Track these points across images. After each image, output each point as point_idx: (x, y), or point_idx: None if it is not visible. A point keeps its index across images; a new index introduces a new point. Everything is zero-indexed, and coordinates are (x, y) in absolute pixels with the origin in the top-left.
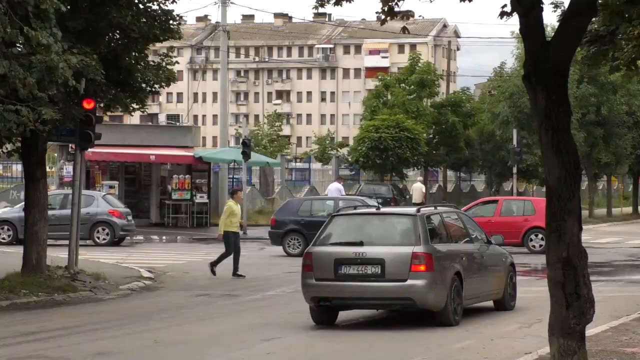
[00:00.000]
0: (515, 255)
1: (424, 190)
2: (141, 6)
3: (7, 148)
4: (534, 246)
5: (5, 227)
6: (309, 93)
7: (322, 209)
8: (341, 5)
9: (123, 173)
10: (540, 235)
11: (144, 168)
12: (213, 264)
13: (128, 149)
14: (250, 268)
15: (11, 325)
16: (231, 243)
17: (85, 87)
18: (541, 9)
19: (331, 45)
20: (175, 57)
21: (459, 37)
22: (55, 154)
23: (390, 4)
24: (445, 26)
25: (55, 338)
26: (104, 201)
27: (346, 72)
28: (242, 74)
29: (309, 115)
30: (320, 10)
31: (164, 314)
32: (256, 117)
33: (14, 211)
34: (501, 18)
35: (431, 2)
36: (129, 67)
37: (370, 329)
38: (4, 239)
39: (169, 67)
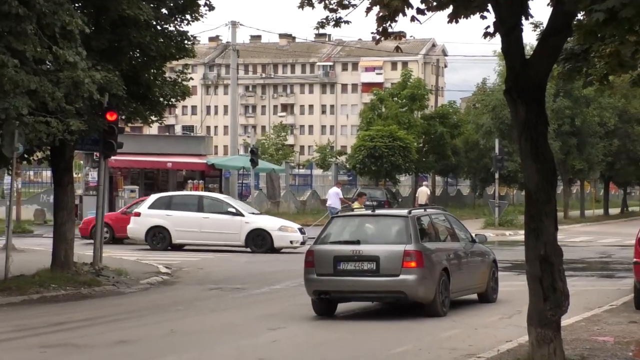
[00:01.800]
0: None
1: (429, 193)
2: (159, 27)
3: (37, 156)
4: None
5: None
6: (311, 106)
7: None
8: (340, 26)
9: (143, 178)
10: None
11: (161, 174)
12: None
13: (147, 157)
14: (257, 265)
15: (42, 316)
16: None
17: (108, 100)
18: (521, 30)
19: (331, 63)
20: (189, 73)
21: (447, 55)
22: (81, 161)
23: (384, 25)
24: (434, 45)
25: (81, 328)
26: None
27: (344, 87)
28: (251, 89)
29: (310, 126)
30: (321, 31)
31: (179, 306)
32: (263, 128)
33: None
34: (485, 38)
35: (421, 23)
36: (148, 82)
37: (366, 320)
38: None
39: (184, 82)
